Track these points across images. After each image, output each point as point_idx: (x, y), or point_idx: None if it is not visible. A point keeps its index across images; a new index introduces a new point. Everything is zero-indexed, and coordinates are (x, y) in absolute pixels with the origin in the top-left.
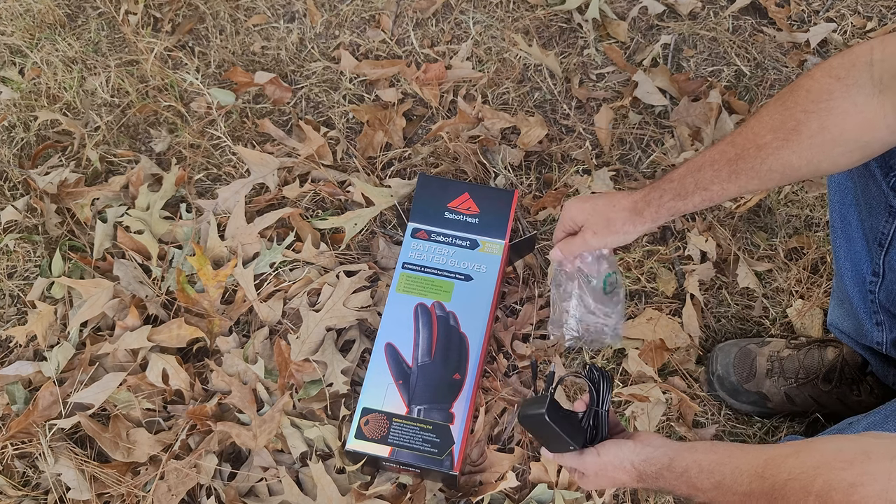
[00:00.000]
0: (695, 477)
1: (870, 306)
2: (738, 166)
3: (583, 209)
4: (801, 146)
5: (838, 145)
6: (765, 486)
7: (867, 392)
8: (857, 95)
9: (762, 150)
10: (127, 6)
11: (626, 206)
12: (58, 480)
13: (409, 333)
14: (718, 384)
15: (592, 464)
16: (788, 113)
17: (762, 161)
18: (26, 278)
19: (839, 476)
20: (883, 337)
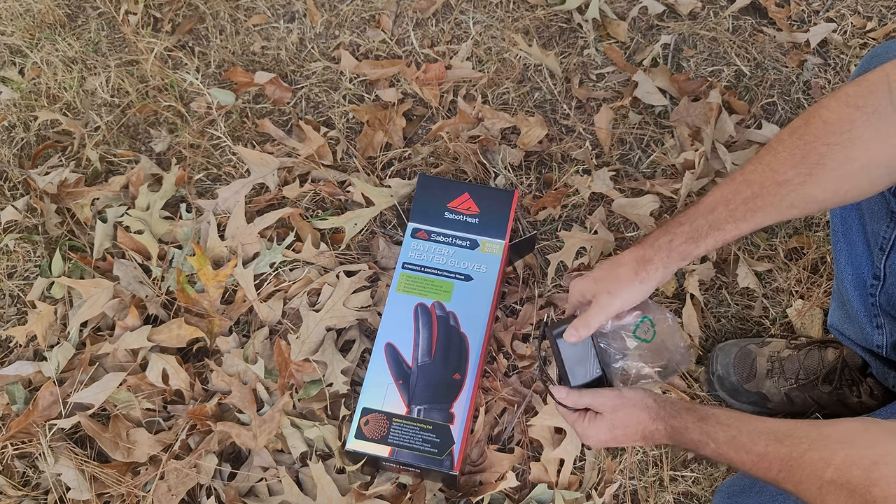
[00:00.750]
0: (712, 426)
1: (870, 309)
2: (755, 204)
3: (587, 279)
4: (826, 179)
5: (866, 173)
6: (782, 451)
7: (867, 394)
8: (879, 123)
9: (783, 186)
10: (127, 6)
11: (633, 258)
12: (58, 480)
13: (409, 333)
14: (718, 384)
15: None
16: (809, 147)
17: (782, 198)
18: (26, 278)
19: (862, 453)
20: (883, 340)
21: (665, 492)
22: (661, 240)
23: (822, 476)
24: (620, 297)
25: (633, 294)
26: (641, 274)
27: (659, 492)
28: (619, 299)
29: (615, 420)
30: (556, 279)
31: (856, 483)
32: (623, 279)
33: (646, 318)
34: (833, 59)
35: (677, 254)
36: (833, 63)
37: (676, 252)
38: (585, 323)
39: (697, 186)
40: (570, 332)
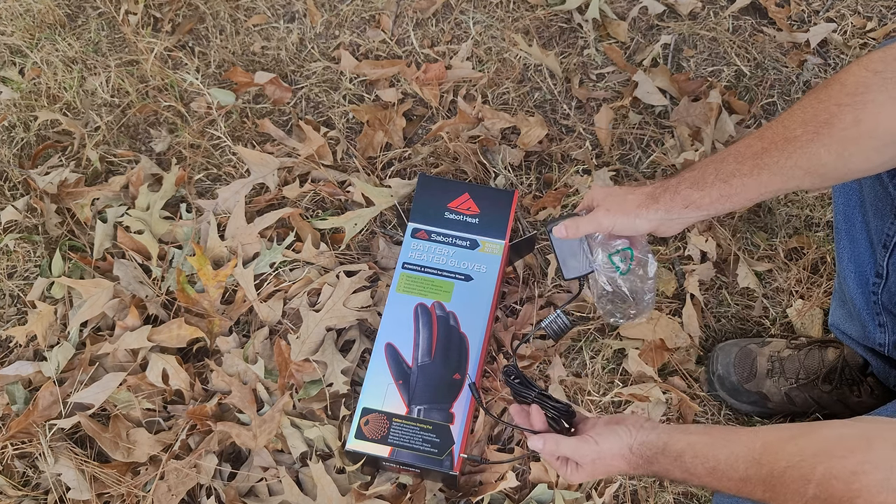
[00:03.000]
0: (689, 462)
1: (872, 307)
2: (762, 160)
3: (604, 190)
4: (833, 139)
5: (872, 139)
6: (762, 472)
7: (867, 393)
8: (894, 89)
9: (791, 143)
10: (127, 6)
11: (645, 191)
12: (58, 480)
13: (409, 333)
14: (719, 384)
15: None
16: (822, 106)
17: (788, 156)
18: (26, 278)
19: (840, 464)
20: (885, 338)
21: (665, 492)
22: (670, 181)
23: (805, 493)
24: (614, 220)
25: (627, 222)
26: (643, 209)
27: (659, 492)
28: (612, 221)
29: (595, 470)
30: (556, 279)
31: (839, 497)
32: (625, 206)
33: (628, 249)
34: (833, 59)
35: (681, 198)
36: (833, 63)
37: (680, 196)
38: (574, 225)
39: None
40: (559, 227)
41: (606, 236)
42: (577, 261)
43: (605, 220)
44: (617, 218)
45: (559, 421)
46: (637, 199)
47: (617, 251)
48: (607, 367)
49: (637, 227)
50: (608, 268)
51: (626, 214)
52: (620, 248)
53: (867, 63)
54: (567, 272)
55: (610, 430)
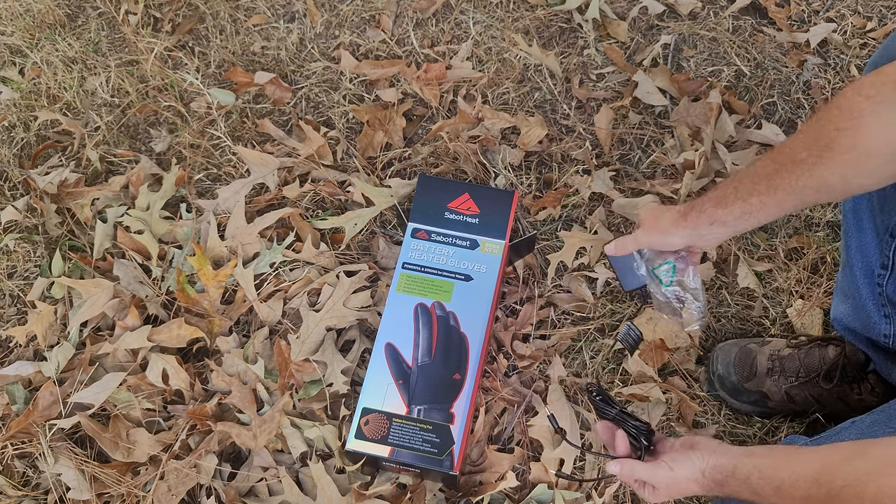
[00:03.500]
0: (756, 483)
1: (878, 299)
2: (774, 181)
3: (648, 208)
4: (834, 163)
5: (870, 159)
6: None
7: (868, 391)
8: (886, 113)
9: (798, 165)
10: (127, 6)
11: (676, 209)
12: (58, 480)
13: (409, 333)
14: (719, 384)
15: (665, 477)
16: (823, 130)
17: (797, 177)
18: (26, 278)
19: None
20: (891, 329)
21: None
22: (697, 201)
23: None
24: (651, 238)
25: (661, 239)
26: (674, 227)
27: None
28: (649, 239)
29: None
30: (556, 279)
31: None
32: (660, 224)
33: (670, 263)
34: (833, 59)
35: (706, 216)
36: (833, 63)
37: (706, 214)
38: (620, 243)
39: (697, 186)
40: (610, 245)
41: (654, 252)
42: (632, 275)
43: (643, 237)
44: (653, 236)
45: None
46: (670, 217)
47: (660, 265)
48: (607, 368)
49: (671, 243)
50: (654, 281)
51: (660, 233)
52: (663, 263)
53: (860, 88)
54: (625, 285)
55: (684, 456)
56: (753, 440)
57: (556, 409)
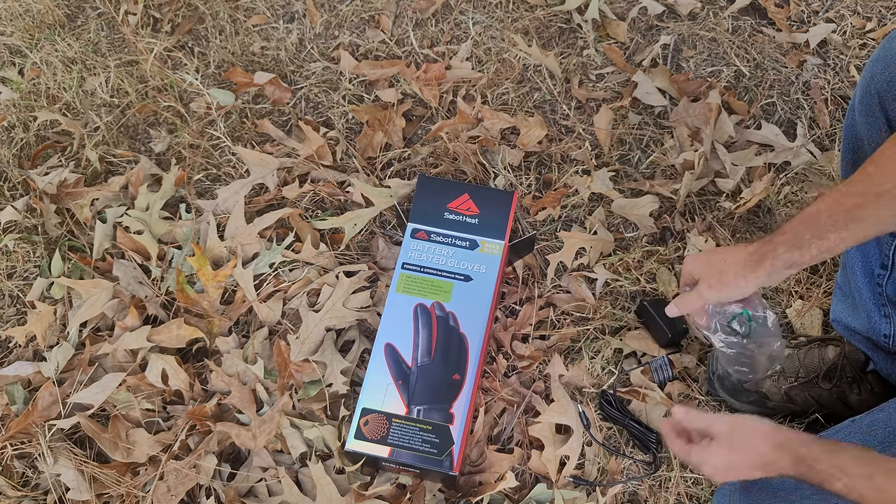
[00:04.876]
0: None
1: (878, 299)
2: (856, 214)
3: (698, 265)
4: None
5: None
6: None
7: (867, 391)
8: None
9: (882, 196)
10: (126, 6)
11: (740, 259)
12: (57, 481)
13: (409, 334)
14: (719, 384)
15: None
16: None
17: (883, 207)
18: (26, 278)
19: None
20: (891, 329)
21: (666, 492)
22: (766, 247)
23: None
24: (719, 294)
25: (732, 293)
26: (741, 279)
27: (659, 492)
28: (718, 294)
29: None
30: (556, 279)
31: None
32: (726, 279)
33: (745, 313)
34: (832, 59)
35: (782, 262)
36: (832, 63)
37: (781, 259)
38: (685, 303)
39: (697, 187)
40: (671, 307)
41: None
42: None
43: (710, 294)
44: (722, 291)
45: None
46: (736, 268)
47: (734, 317)
48: (606, 368)
49: (743, 292)
50: (729, 336)
51: (729, 286)
52: (735, 314)
53: None
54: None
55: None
56: None
57: (559, 407)
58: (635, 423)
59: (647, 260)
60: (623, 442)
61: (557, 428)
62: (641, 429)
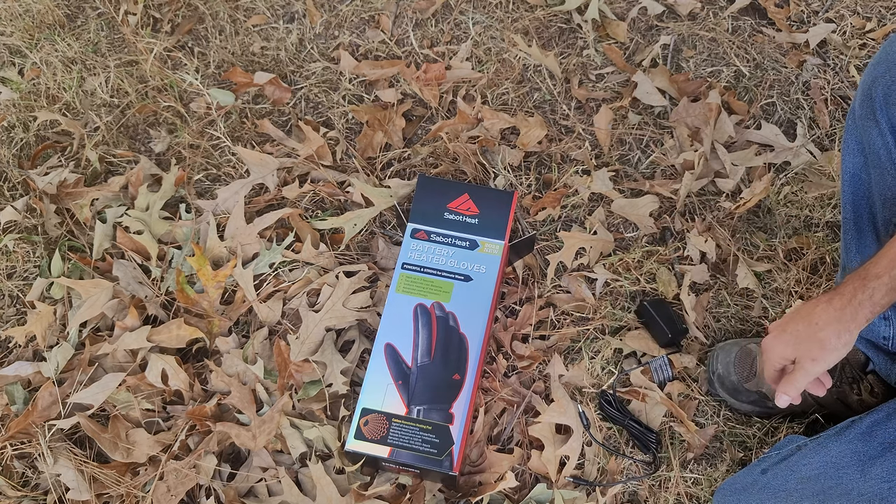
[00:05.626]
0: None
1: None
2: None
3: (787, 343)
4: None
5: None
6: None
7: (867, 391)
8: None
9: None
10: (126, 6)
11: (832, 319)
12: (57, 481)
13: (409, 334)
14: (719, 383)
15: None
16: None
17: None
18: (26, 279)
19: None
20: (890, 332)
21: (665, 492)
22: (860, 296)
23: None
24: (825, 362)
25: (837, 357)
26: (844, 337)
27: (659, 492)
28: (824, 364)
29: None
30: (556, 279)
31: None
32: (826, 345)
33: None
34: (832, 59)
35: (880, 307)
36: (832, 63)
37: (879, 305)
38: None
39: (697, 187)
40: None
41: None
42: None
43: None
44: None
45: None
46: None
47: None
48: (606, 368)
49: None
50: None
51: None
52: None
53: None
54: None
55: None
56: (753, 440)
57: (559, 407)
58: (635, 423)
59: (647, 260)
60: (623, 442)
61: (557, 428)
62: (641, 429)
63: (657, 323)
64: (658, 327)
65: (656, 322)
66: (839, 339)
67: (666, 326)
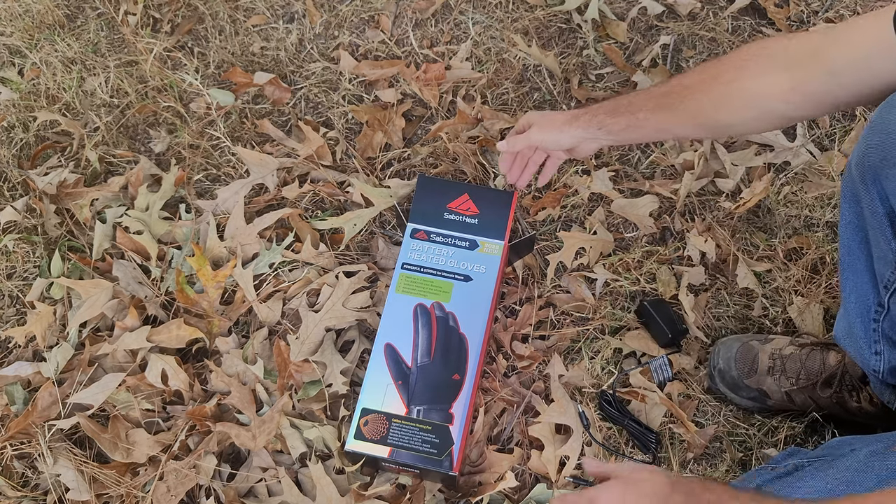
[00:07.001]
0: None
1: (871, 335)
2: (663, 101)
3: (537, 113)
4: (714, 90)
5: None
6: None
7: (866, 400)
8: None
9: (687, 89)
10: (126, 7)
11: (568, 114)
12: (57, 481)
13: (409, 334)
14: (719, 378)
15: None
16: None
17: (682, 99)
18: (25, 279)
19: None
20: (881, 366)
21: None
22: (591, 106)
23: None
24: (543, 136)
25: (552, 137)
26: (566, 126)
27: None
28: (541, 136)
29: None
30: (556, 279)
31: None
32: (553, 124)
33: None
34: None
35: (597, 121)
36: None
37: (596, 119)
38: (513, 140)
39: (697, 187)
40: (501, 143)
41: None
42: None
43: (535, 135)
44: (545, 134)
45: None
46: (562, 118)
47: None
48: (606, 368)
49: (561, 142)
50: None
51: (552, 130)
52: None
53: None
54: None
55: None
56: (753, 440)
57: (559, 407)
58: (635, 424)
59: (647, 260)
60: (623, 442)
61: (557, 428)
62: (641, 429)
63: (657, 323)
64: (658, 327)
65: (656, 322)
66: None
67: (666, 326)
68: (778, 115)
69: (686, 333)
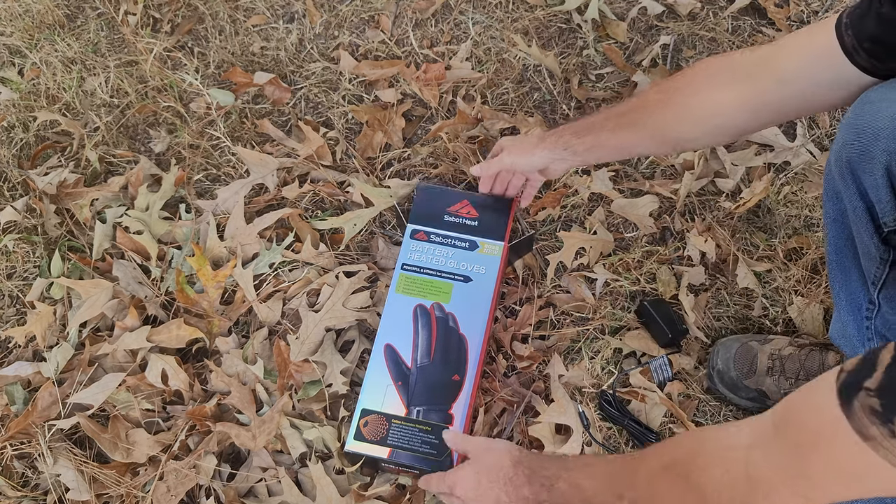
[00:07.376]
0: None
1: (864, 332)
2: (623, 119)
3: (509, 138)
4: (675, 104)
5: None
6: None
7: None
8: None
9: (646, 107)
10: (126, 7)
11: (535, 137)
12: (57, 481)
13: (409, 334)
14: (718, 378)
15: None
16: (678, 78)
17: (642, 117)
18: (25, 279)
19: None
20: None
21: None
22: (558, 129)
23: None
24: (513, 159)
25: (524, 160)
26: (535, 148)
27: None
28: (511, 159)
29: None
30: (556, 279)
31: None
32: (523, 146)
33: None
34: None
35: (562, 142)
36: None
37: (562, 140)
38: (486, 165)
39: (697, 187)
40: (475, 167)
41: None
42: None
43: (507, 158)
44: (516, 157)
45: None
46: (532, 140)
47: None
48: (606, 368)
49: (533, 163)
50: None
51: (523, 153)
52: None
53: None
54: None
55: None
56: None
57: (559, 407)
58: (635, 424)
59: (647, 260)
60: (623, 442)
61: (557, 428)
62: (641, 429)
63: (657, 323)
64: (658, 327)
65: (656, 322)
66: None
67: (666, 326)
68: (733, 128)
69: (686, 333)
